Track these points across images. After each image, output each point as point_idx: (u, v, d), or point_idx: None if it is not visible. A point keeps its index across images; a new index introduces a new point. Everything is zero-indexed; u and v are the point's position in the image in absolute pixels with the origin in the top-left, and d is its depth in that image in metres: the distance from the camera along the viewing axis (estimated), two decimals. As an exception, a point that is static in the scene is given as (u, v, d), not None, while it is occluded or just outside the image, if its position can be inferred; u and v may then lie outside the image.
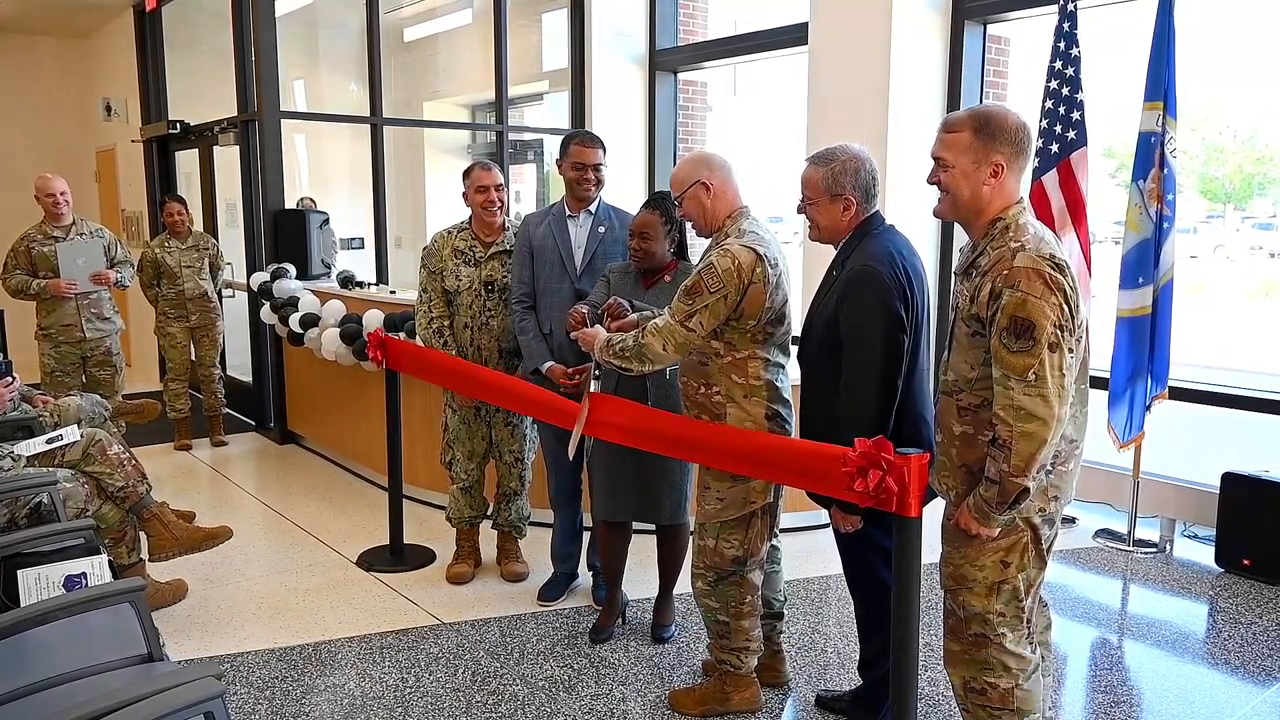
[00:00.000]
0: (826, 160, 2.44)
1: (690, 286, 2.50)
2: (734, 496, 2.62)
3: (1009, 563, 2.11)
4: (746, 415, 2.58)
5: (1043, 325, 1.92)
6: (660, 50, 6.65)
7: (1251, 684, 3.06)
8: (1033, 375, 1.93)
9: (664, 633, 3.29)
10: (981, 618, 2.14)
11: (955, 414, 2.12)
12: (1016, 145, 2.04)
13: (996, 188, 2.04)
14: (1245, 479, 3.92)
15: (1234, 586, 3.81)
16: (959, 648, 2.21)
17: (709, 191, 2.61)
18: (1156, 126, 3.91)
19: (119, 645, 2.08)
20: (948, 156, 2.08)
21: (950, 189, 2.09)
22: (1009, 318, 1.94)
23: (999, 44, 5.11)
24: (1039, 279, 1.93)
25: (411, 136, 7.93)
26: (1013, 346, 1.94)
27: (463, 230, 3.67)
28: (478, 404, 3.66)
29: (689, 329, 2.50)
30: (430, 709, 2.86)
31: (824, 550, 4.02)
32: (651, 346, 2.52)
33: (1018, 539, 2.10)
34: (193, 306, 5.79)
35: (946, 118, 2.14)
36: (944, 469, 2.18)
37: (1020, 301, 1.93)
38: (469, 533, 3.88)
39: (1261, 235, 22.13)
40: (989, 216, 2.07)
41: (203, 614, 3.51)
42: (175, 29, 7.48)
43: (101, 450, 3.27)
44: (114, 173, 8.53)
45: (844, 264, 2.45)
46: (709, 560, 2.69)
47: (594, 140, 3.39)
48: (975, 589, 2.14)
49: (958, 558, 2.15)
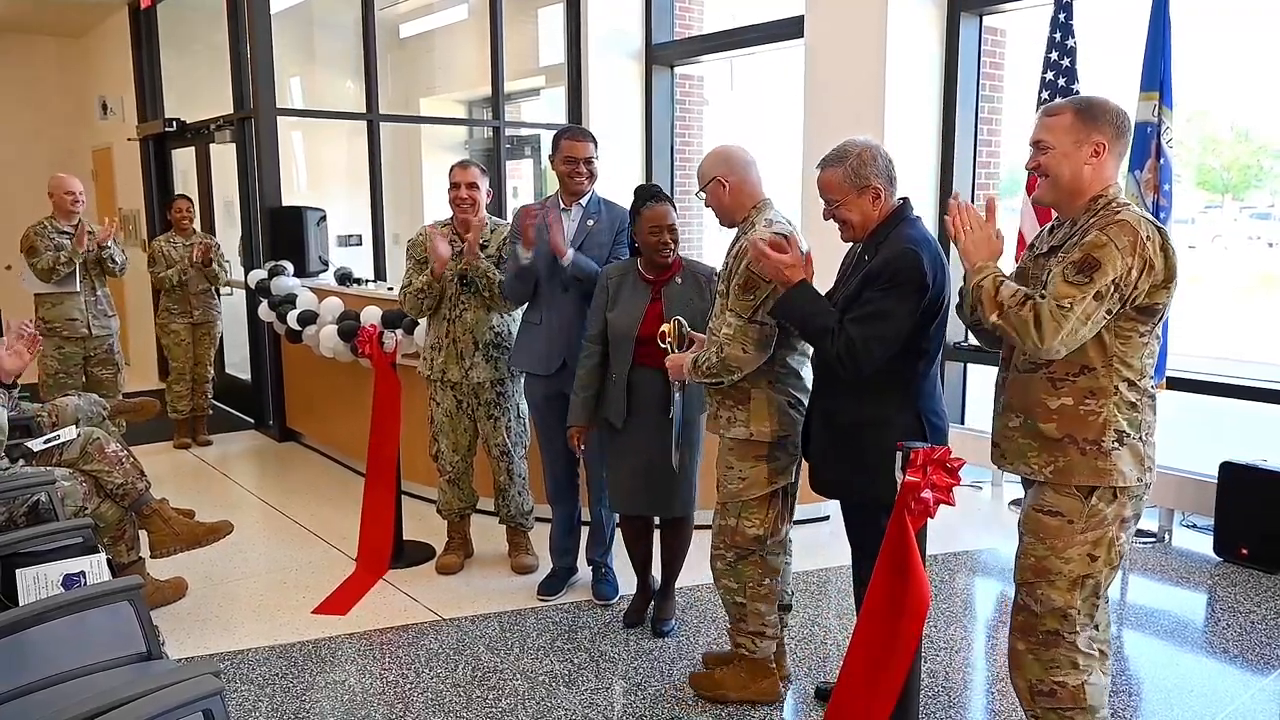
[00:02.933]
0: (841, 158, 2.44)
1: (744, 283, 2.57)
2: (756, 476, 2.67)
3: (1096, 556, 2.08)
4: (770, 401, 2.65)
5: (1106, 272, 1.93)
6: (656, 45, 6.64)
7: (1250, 672, 3.07)
8: (1068, 303, 1.95)
9: (664, 627, 3.30)
10: (1061, 613, 2.11)
11: (1049, 388, 2.10)
12: (1117, 127, 2.07)
13: (1097, 168, 2.06)
14: (1243, 468, 3.93)
15: (1232, 575, 3.81)
16: (1025, 647, 2.17)
17: (725, 189, 2.70)
18: (1153, 117, 3.91)
19: (118, 644, 2.08)
20: (1048, 138, 2.10)
21: (1050, 170, 2.10)
22: (1084, 253, 1.97)
23: (995, 35, 5.10)
24: (1130, 236, 1.95)
25: (408, 133, 7.92)
26: (1070, 276, 1.96)
27: (445, 225, 3.74)
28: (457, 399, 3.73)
29: (760, 323, 2.56)
30: (430, 704, 2.86)
31: (822, 543, 4.03)
32: (733, 354, 2.57)
33: (1105, 532, 2.08)
34: (196, 302, 5.81)
35: (1046, 105, 2.17)
36: (1030, 450, 2.14)
37: (1101, 244, 1.95)
38: (459, 524, 3.94)
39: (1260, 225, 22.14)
40: (1089, 195, 2.08)
41: (203, 612, 3.52)
42: (171, 27, 7.46)
43: (99, 449, 3.27)
44: (111, 171, 8.52)
45: (876, 248, 2.43)
46: (729, 539, 2.73)
47: (584, 135, 3.45)
48: (1058, 583, 2.10)
49: (1042, 549, 2.11)
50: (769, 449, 2.67)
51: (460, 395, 3.73)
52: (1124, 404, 2.06)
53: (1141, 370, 2.07)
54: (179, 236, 5.79)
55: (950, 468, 2.06)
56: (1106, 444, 2.05)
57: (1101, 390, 2.05)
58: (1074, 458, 2.07)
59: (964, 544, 4.13)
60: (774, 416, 2.65)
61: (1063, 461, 2.09)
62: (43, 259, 5.07)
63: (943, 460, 2.05)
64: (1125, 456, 2.06)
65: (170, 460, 5.62)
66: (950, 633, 3.33)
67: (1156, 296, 2.01)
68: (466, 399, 3.74)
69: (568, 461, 3.58)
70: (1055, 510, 2.10)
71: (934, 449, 2.06)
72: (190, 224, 5.84)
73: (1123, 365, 2.05)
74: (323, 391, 5.53)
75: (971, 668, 3.16)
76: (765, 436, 2.65)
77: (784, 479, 2.71)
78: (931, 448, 2.07)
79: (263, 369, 6.21)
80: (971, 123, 5.06)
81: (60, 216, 5.20)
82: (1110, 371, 2.05)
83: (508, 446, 3.77)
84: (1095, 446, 2.05)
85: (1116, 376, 2.05)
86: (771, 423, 2.64)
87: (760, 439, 2.65)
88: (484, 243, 3.66)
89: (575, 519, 3.67)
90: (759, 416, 2.65)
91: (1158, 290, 2.01)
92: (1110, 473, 2.06)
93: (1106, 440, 2.05)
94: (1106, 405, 2.05)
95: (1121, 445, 2.05)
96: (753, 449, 2.67)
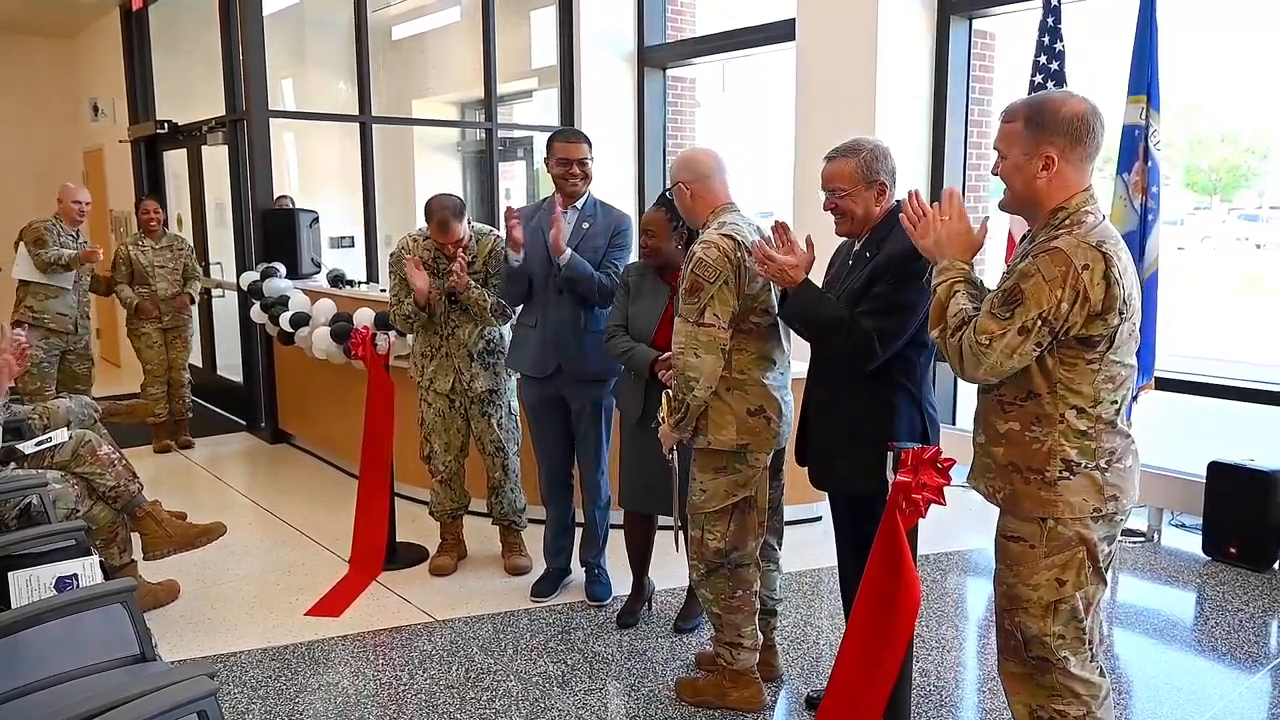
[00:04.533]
0: (855, 150, 2.47)
1: (688, 287, 2.55)
2: (715, 489, 2.64)
3: (1064, 580, 1.96)
4: (728, 409, 2.60)
5: (1029, 307, 1.84)
6: (649, 47, 6.66)
7: (1238, 670, 3.09)
8: (986, 339, 1.87)
9: (687, 624, 3.31)
10: (1039, 640, 1.99)
11: (998, 410, 2.00)
12: (1072, 135, 1.90)
13: (1051, 179, 1.92)
14: (1231, 468, 3.95)
15: (1221, 574, 3.84)
16: (1022, 670, 2.05)
17: (686, 192, 2.71)
18: (1140, 119, 3.94)
19: (111, 646, 2.08)
20: (1003, 146, 1.98)
21: (1006, 180, 1.99)
22: (1013, 282, 1.87)
23: (984, 38, 5.14)
24: (1062, 266, 1.82)
25: (401, 135, 7.91)
26: (995, 308, 1.88)
27: (427, 239, 3.69)
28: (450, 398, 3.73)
29: (705, 324, 2.52)
30: (424, 706, 2.86)
31: (815, 543, 4.04)
32: (686, 363, 2.53)
33: (1073, 555, 1.95)
34: (165, 308, 5.71)
35: (1006, 106, 2.02)
36: (988, 471, 2.05)
37: (1029, 274, 1.85)
38: (452, 525, 3.94)
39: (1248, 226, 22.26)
40: (1048, 207, 1.95)
41: (195, 614, 3.51)
42: (162, 29, 7.44)
43: (91, 451, 3.27)
44: (102, 173, 8.49)
45: (879, 245, 2.45)
46: (697, 550, 2.73)
47: (577, 136, 3.44)
48: (1031, 609, 1.99)
49: (1010, 576, 2.01)
50: (728, 459, 2.62)
51: (453, 396, 3.74)
52: (1072, 432, 1.92)
53: (1095, 397, 1.91)
54: (149, 239, 5.71)
55: (941, 468, 2.08)
56: (1051, 474, 1.93)
57: (1047, 418, 1.93)
58: (1019, 486, 1.97)
59: (956, 544, 4.15)
60: (732, 424, 2.59)
61: (1009, 490, 2.00)
62: (49, 252, 5.27)
63: (933, 460, 2.07)
64: (1075, 486, 1.92)
65: (161, 462, 5.60)
66: (942, 632, 3.35)
67: (1093, 328, 1.86)
68: (459, 399, 3.75)
69: (561, 462, 3.59)
70: (1017, 535, 2.00)
71: (924, 449, 2.08)
72: (159, 226, 5.75)
73: (1069, 392, 1.91)
74: (315, 393, 5.53)
75: (963, 667, 3.18)
76: (725, 445, 2.60)
77: (745, 491, 2.64)
78: (922, 448, 2.09)
79: (254, 370, 6.19)
80: (961, 125, 5.09)
81: (66, 221, 5.44)
82: (1055, 399, 1.92)
83: (502, 443, 3.78)
84: (1039, 476, 1.94)
85: (1063, 404, 1.91)
86: (730, 431, 2.59)
87: (719, 448, 2.60)
88: (470, 259, 3.64)
89: (569, 520, 3.67)
90: (717, 424, 2.59)
91: (1094, 322, 1.86)
92: (1054, 504, 1.93)
93: (1051, 470, 1.93)
94: (1051, 433, 1.92)
95: (1072, 475, 1.92)
96: (712, 460, 2.63)
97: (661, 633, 3.33)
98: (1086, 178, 1.96)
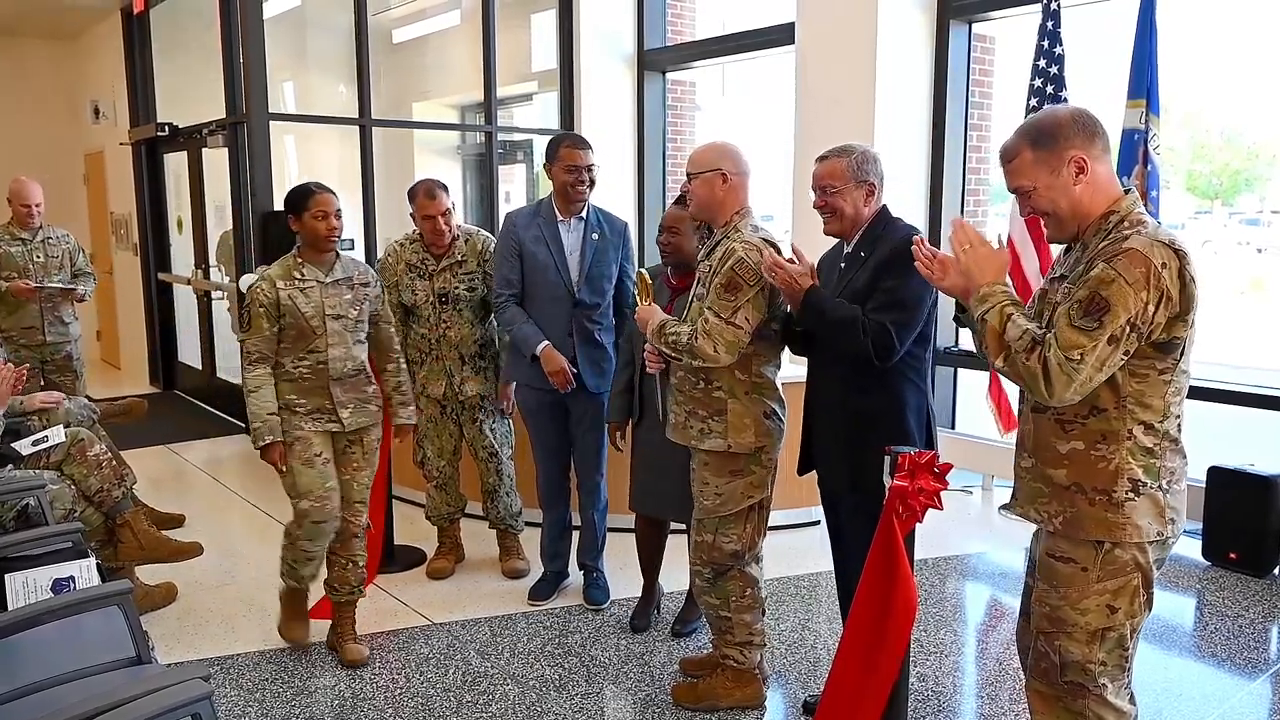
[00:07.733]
0: (846, 151, 2.51)
1: (727, 283, 2.51)
2: (732, 492, 2.66)
3: (1116, 608, 1.86)
4: (747, 412, 2.61)
5: (1117, 314, 1.73)
6: (649, 50, 6.66)
7: (1239, 676, 3.09)
8: (1078, 354, 1.74)
9: (686, 628, 3.31)
10: (1081, 667, 1.89)
11: (1058, 431, 1.88)
12: (1084, 132, 1.85)
13: (1090, 183, 1.85)
14: (1231, 473, 3.94)
15: (1221, 580, 3.83)
16: (1051, 692, 1.96)
17: (725, 183, 2.60)
18: (1140, 124, 3.94)
19: (107, 648, 2.08)
20: (1024, 182, 1.89)
21: (1048, 209, 1.89)
22: (1091, 291, 1.76)
23: (984, 43, 5.14)
24: (1142, 267, 1.73)
25: (401, 138, 7.92)
26: (1077, 320, 1.76)
27: (414, 243, 3.67)
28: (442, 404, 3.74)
29: (736, 325, 2.51)
30: (421, 709, 2.86)
31: (811, 547, 4.04)
32: (704, 348, 2.52)
33: (1127, 581, 1.86)
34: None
35: (1001, 150, 1.95)
36: (1040, 496, 1.92)
37: (1109, 280, 1.74)
38: (449, 528, 3.94)
39: (1249, 231, 22.25)
40: (1098, 214, 1.86)
41: (193, 617, 3.51)
42: (163, 31, 7.45)
43: (81, 450, 3.27)
44: (103, 175, 8.50)
45: (873, 244, 2.49)
46: (707, 556, 2.72)
47: (583, 142, 3.39)
48: (1075, 635, 1.89)
49: (1055, 598, 1.90)
50: (745, 462, 2.64)
51: (445, 401, 3.73)
52: (1139, 449, 1.83)
53: (1163, 411, 1.83)
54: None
55: (938, 472, 2.07)
56: (1119, 494, 1.83)
57: (1114, 434, 1.83)
58: (1083, 508, 1.86)
59: (954, 549, 4.15)
60: (752, 427, 2.61)
61: (1071, 512, 1.87)
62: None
63: (930, 465, 2.07)
64: (1141, 508, 1.84)
65: (162, 464, 5.60)
66: (940, 637, 3.34)
67: (1175, 330, 1.78)
68: (451, 404, 3.74)
69: (559, 465, 3.58)
70: (1068, 557, 1.89)
71: (921, 453, 2.08)
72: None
73: (1138, 406, 1.83)
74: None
75: (961, 672, 3.18)
76: (744, 448, 2.61)
77: (761, 492, 2.68)
78: (919, 452, 2.09)
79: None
80: (961, 130, 5.09)
81: (17, 224, 4.96)
82: (1124, 414, 1.82)
83: (495, 448, 3.77)
84: (1105, 497, 1.84)
85: (1131, 419, 1.83)
86: (749, 434, 2.61)
87: (739, 450, 2.62)
88: (461, 259, 3.62)
89: (566, 523, 3.67)
90: (737, 428, 2.61)
91: (1175, 323, 1.78)
92: (1123, 527, 1.83)
93: (1119, 490, 1.83)
94: (1119, 451, 1.83)
95: (1138, 496, 1.83)
96: (729, 463, 2.64)
97: (659, 636, 3.32)
98: (1114, 173, 1.91)
